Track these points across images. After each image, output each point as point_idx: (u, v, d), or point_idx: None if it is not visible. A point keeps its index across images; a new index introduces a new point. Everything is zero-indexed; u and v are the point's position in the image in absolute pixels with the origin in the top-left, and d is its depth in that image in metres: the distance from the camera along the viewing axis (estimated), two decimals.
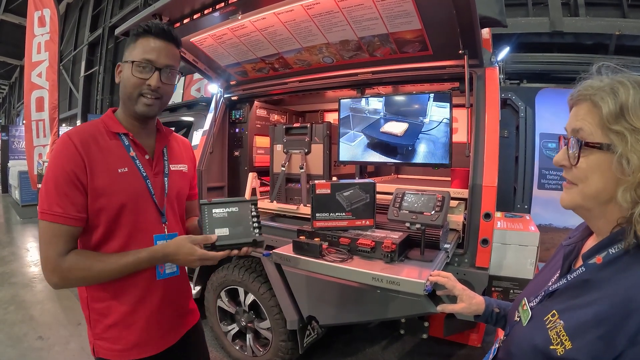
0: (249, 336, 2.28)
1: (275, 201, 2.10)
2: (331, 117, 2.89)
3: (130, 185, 0.96)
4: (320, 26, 1.71)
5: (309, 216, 1.44)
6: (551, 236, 2.72)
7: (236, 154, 2.49)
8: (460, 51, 1.52)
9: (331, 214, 1.40)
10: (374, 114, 1.86)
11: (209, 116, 2.41)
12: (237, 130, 2.48)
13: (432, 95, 1.68)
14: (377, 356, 2.52)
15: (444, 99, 1.65)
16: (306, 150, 2.03)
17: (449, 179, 1.82)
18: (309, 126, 2.03)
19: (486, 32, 1.91)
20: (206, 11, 1.69)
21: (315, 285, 1.79)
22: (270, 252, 1.32)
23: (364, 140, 1.89)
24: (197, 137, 2.69)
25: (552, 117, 2.85)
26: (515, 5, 5.50)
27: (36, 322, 2.93)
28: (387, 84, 1.98)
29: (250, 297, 2.16)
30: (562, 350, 0.57)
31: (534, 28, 5.29)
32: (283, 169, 2.07)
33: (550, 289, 0.68)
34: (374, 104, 1.86)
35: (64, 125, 12.18)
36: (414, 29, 1.58)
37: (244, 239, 0.99)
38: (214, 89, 2.52)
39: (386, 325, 2.71)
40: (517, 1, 5.55)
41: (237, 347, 2.35)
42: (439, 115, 1.66)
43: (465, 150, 1.57)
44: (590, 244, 0.68)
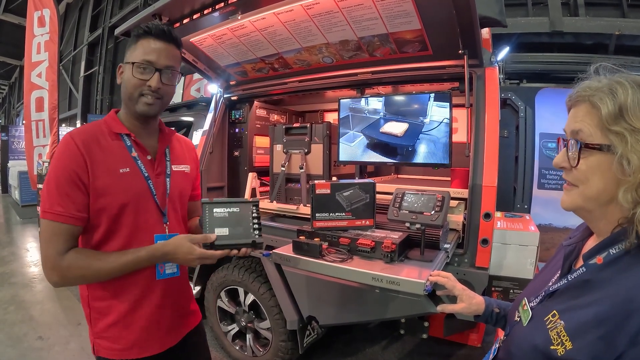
0: (249, 336, 2.28)
1: (275, 201, 2.10)
2: (331, 117, 2.89)
3: (132, 185, 0.96)
4: (320, 26, 1.71)
5: (308, 216, 1.44)
6: (551, 236, 2.72)
7: (236, 154, 2.49)
8: (460, 51, 1.52)
9: (331, 214, 1.40)
10: (373, 114, 1.85)
11: (209, 116, 2.41)
12: (237, 130, 2.48)
13: (432, 95, 1.67)
14: (377, 356, 2.51)
15: (444, 98, 1.65)
16: (306, 150, 2.03)
17: (449, 179, 1.82)
18: (308, 126, 2.03)
19: (486, 32, 1.90)
20: (206, 11, 1.69)
21: (315, 286, 1.79)
22: (270, 252, 1.32)
23: (363, 141, 1.89)
24: (196, 137, 2.69)
25: (552, 117, 2.85)
26: (515, 5, 5.50)
27: (36, 322, 2.93)
28: (387, 84, 1.98)
29: (250, 297, 2.16)
30: (562, 350, 0.57)
31: (533, 28, 5.28)
32: (283, 169, 2.07)
33: (550, 289, 0.68)
34: (374, 104, 1.85)
35: (63, 125, 12.19)
36: (413, 29, 1.58)
37: (243, 240, 0.99)
38: (213, 89, 2.52)
39: (386, 325, 2.71)
40: (517, 1, 5.54)
41: (237, 347, 2.35)
42: (439, 115, 1.66)
43: (465, 150, 1.57)
44: (590, 244, 0.67)
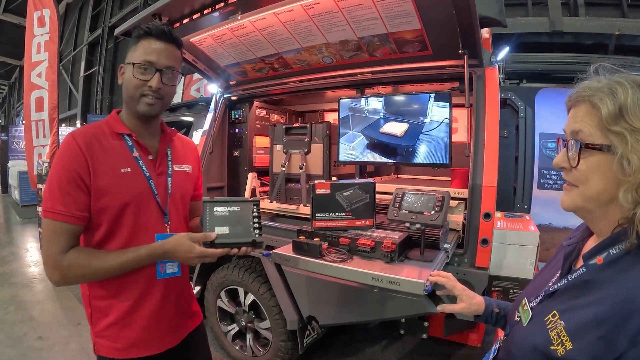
0: (248, 336, 2.28)
1: (275, 201, 2.10)
2: (331, 117, 2.89)
3: (133, 185, 0.97)
4: (320, 26, 1.71)
5: (308, 216, 1.44)
6: (551, 236, 2.72)
7: (236, 154, 2.49)
8: (460, 51, 1.52)
9: (331, 214, 1.40)
10: (373, 114, 1.85)
11: (209, 116, 2.41)
12: (237, 130, 2.48)
13: (432, 95, 1.67)
14: (377, 356, 2.51)
15: (444, 98, 1.65)
16: (306, 150, 2.03)
17: (449, 179, 1.82)
18: (308, 126, 2.03)
19: (486, 32, 1.90)
20: (206, 11, 1.69)
21: (315, 286, 1.79)
22: (270, 252, 1.32)
23: (363, 141, 1.89)
24: (196, 137, 2.69)
25: (551, 117, 2.85)
26: (515, 5, 5.50)
27: (36, 322, 2.92)
28: (387, 84, 1.98)
29: (250, 297, 2.16)
30: (562, 350, 0.57)
31: (533, 28, 5.28)
32: (283, 169, 2.07)
33: (550, 289, 0.68)
34: (374, 104, 1.85)
35: (63, 125, 12.18)
36: (413, 29, 1.58)
37: (243, 239, 0.99)
38: (213, 89, 2.52)
39: (386, 325, 2.71)
40: (517, 1, 5.54)
41: (237, 347, 2.34)
42: (439, 115, 1.66)
43: (465, 150, 1.57)
44: (590, 244, 0.67)
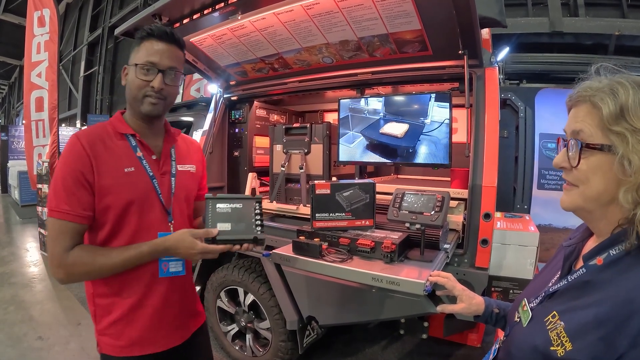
0: (248, 336, 2.28)
1: (274, 201, 2.10)
2: (331, 117, 2.89)
3: (137, 184, 0.98)
4: (320, 26, 1.71)
5: (308, 216, 1.44)
6: (551, 236, 2.72)
7: (236, 154, 2.49)
8: (460, 51, 1.52)
9: (331, 214, 1.40)
10: (373, 114, 1.85)
11: (209, 116, 2.41)
12: (237, 130, 2.48)
13: (433, 96, 1.67)
14: (377, 356, 2.51)
15: (444, 99, 1.65)
16: (306, 151, 2.03)
17: (449, 179, 1.82)
18: (308, 126, 2.03)
19: (486, 32, 1.90)
20: (206, 11, 1.69)
21: (315, 286, 1.79)
22: (270, 252, 1.32)
23: (363, 141, 1.89)
24: (196, 137, 2.68)
25: (551, 117, 2.85)
26: (515, 5, 5.50)
27: (36, 322, 2.92)
28: (387, 84, 1.98)
29: (250, 297, 2.16)
30: (562, 351, 0.57)
31: (533, 28, 5.28)
32: (283, 169, 2.07)
33: (550, 289, 0.68)
34: (374, 104, 1.85)
35: (63, 125, 12.17)
36: (413, 29, 1.58)
37: (245, 236, 1.00)
38: (213, 89, 2.52)
39: (386, 325, 2.71)
40: (517, 1, 5.54)
41: (237, 348, 2.34)
42: (439, 115, 1.66)
43: (465, 151, 1.57)
44: (590, 245, 0.67)
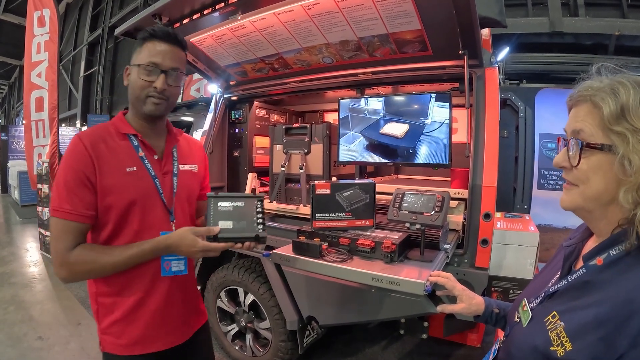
0: (248, 336, 2.28)
1: (275, 201, 2.10)
2: (331, 117, 2.89)
3: (139, 184, 0.99)
4: (320, 26, 1.71)
5: (308, 216, 1.44)
6: (551, 236, 2.72)
7: (236, 154, 2.49)
8: (460, 51, 1.52)
9: (331, 214, 1.40)
10: (373, 114, 1.85)
11: (209, 116, 2.41)
12: (237, 130, 2.48)
13: (433, 96, 1.67)
14: (377, 356, 2.51)
15: (444, 99, 1.65)
16: (306, 151, 2.03)
17: (449, 179, 1.82)
18: (308, 126, 2.03)
19: (486, 32, 1.90)
20: (206, 11, 1.69)
21: (315, 286, 1.79)
22: (270, 252, 1.32)
23: (363, 142, 1.89)
24: (196, 137, 2.69)
25: (551, 117, 2.85)
26: (515, 5, 5.50)
27: (36, 322, 2.92)
28: (387, 84, 1.98)
29: (250, 297, 2.16)
30: (562, 351, 0.57)
31: (533, 28, 5.29)
32: (283, 169, 2.07)
33: (550, 290, 0.68)
34: (374, 104, 1.85)
35: (63, 125, 12.17)
36: (413, 29, 1.58)
37: (246, 234, 1.00)
38: (213, 89, 2.52)
39: (386, 325, 2.71)
40: (517, 1, 5.54)
41: (237, 348, 2.34)
42: (440, 116, 1.65)
43: (465, 151, 1.57)
44: (590, 245, 0.67)
